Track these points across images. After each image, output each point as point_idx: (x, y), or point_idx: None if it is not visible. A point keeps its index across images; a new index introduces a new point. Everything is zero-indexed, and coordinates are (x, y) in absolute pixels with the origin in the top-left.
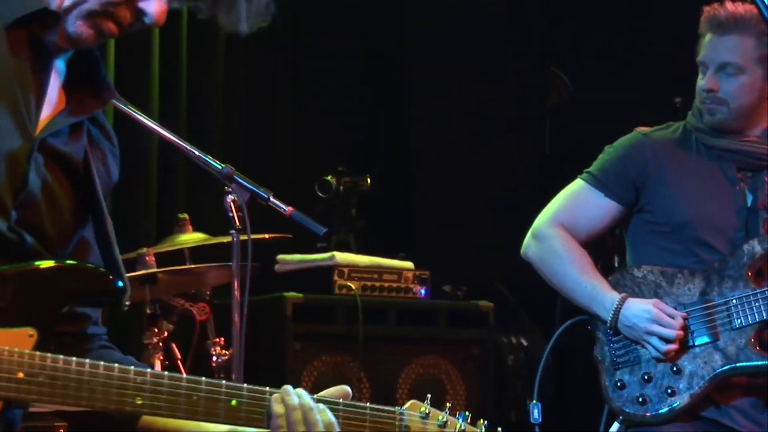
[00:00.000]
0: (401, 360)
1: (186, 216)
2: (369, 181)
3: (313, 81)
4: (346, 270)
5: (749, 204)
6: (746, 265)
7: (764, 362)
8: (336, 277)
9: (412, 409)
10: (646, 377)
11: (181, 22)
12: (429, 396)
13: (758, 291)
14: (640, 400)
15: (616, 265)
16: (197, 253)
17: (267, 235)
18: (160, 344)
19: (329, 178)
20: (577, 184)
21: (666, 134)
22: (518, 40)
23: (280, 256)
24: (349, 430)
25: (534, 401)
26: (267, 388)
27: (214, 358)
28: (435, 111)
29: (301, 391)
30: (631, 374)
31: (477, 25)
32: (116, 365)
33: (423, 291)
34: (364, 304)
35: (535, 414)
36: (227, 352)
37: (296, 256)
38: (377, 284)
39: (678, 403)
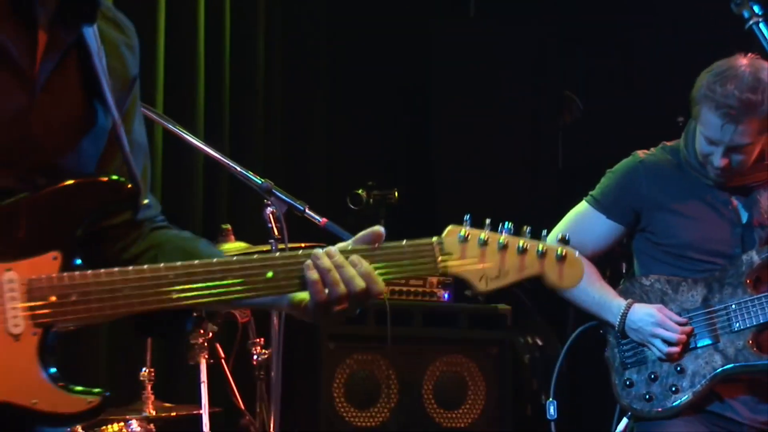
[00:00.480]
0: (426, 358)
1: (229, 227)
2: (396, 194)
3: (345, 104)
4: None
5: (744, 221)
6: (745, 273)
7: (761, 362)
8: None
9: (450, 235)
10: (652, 376)
11: (224, 52)
12: (466, 218)
13: (756, 297)
14: (647, 397)
15: (624, 271)
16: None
17: (303, 244)
18: (206, 344)
19: (360, 191)
20: (582, 206)
21: (661, 158)
22: (535, 65)
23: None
24: (389, 271)
25: (550, 399)
26: (300, 251)
27: (255, 357)
28: (456, 132)
29: (331, 249)
30: (639, 374)
31: (496, 53)
32: (146, 266)
33: (446, 295)
34: (392, 307)
35: (551, 411)
36: (267, 352)
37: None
38: (404, 289)
39: (681, 400)
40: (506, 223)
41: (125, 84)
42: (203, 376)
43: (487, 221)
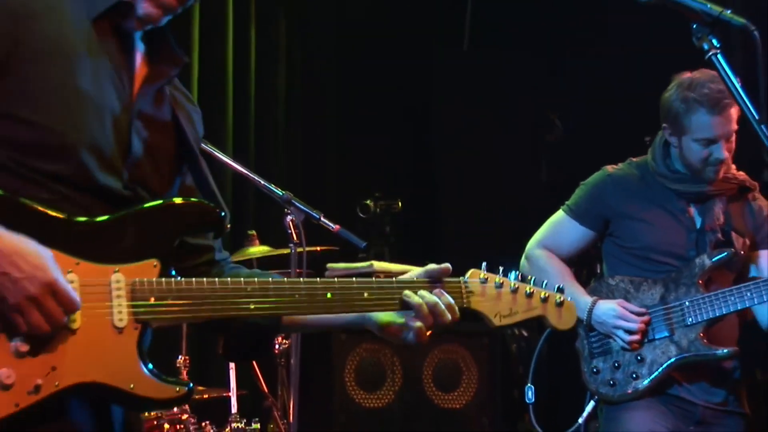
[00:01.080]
0: (426, 348)
1: (254, 232)
2: (400, 204)
3: (356, 125)
4: (381, 275)
5: (698, 227)
6: (697, 274)
7: (710, 352)
8: (373, 278)
9: (473, 277)
10: (616, 364)
11: (249, 82)
12: (484, 264)
13: (706, 295)
14: (611, 383)
15: (599, 271)
16: (263, 262)
17: (318, 248)
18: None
19: (368, 202)
20: (559, 214)
21: (627, 172)
22: (521, 91)
23: (330, 265)
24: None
25: (528, 385)
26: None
27: (277, 347)
28: (453, 149)
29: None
30: (604, 362)
31: (488, 80)
32: (229, 279)
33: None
34: None
35: (529, 395)
36: (287, 342)
37: (342, 265)
38: None
39: (641, 385)
40: (514, 271)
41: (196, 140)
42: (231, 363)
43: (501, 268)
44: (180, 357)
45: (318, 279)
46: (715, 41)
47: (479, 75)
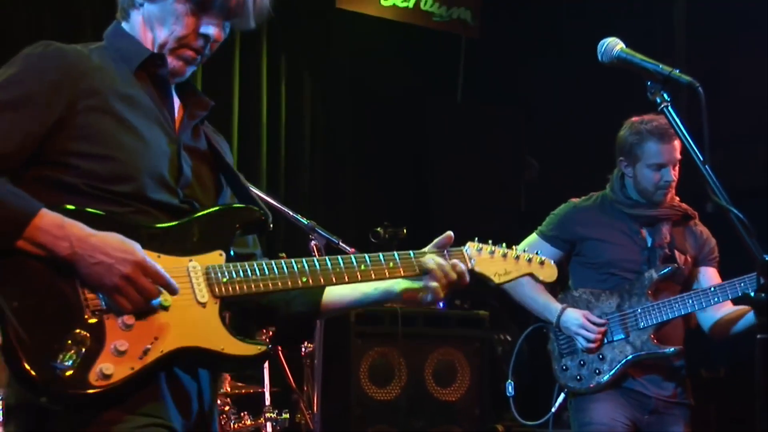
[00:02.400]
0: (427, 350)
1: (284, 254)
2: (405, 231)
3: (368, 165)
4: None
5: (649, 245)
6: (647, 286)
7: (659, 350)
8: None
9: (471, 246)
10: (581, 362)
11: (280, 129)
12: (477, 238)
13: (655, 303)
14: (578, 378)
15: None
16: None
17: None
18: (267, 341)
19: (378, 229)
20: (533, 237)
21: (590, 204)
22: (504, 136)
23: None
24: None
25: (509, 380)
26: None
27: (303, 349)
28: (447, 185)
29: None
30: (572, 361)
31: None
32: (283, 261)
33: (442, 304)
34: (402, 313)
35: (510, 389)
36: (311, 346)
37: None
38: None
39: (602, 379)
40: (503, 243)
41: (231, 163)
42: (265, 363)
43: (490, 241)
44: None
45: (352, 256)
46: (666, 95)
47: (469, 122)
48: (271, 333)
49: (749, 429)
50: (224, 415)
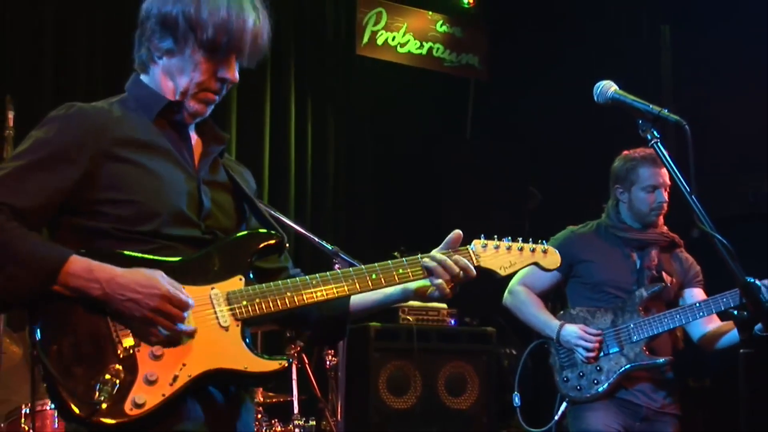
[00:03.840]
0: (439, 363)
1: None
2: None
3: (386, 195)
4: (406, 308)
5: (638, 267)
6: (637, 304)
7: (651, 362)
8: (400, 313)
9: (476, 245)
10: (580, 374)
11: (306, 163)
12: (483, 235)
13: (646, 319)
14: (578, 388)
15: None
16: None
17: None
18: (295, 354)
19: (396, 253)
20: None
21: (586, 230)
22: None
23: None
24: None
25: (515, 392)
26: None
27: (327, 362)
28: (456, 213)
29: (435, 254)
30: (572, 372)
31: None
32: (297, 278)
33: (453, 321)
34: (417, 329)
35: (516, 400)
36: (335, 359)
37: None
38: (425, 317)
39: (600, 389)
40: (507, 238)
41: (252, 190)
42: (294, 375)
43: (495, 236)
44: None
45: (364, 267)
46: (655, 132)
47: (477, 157)
48: (298, 347)
49: None
50: (256, 422)
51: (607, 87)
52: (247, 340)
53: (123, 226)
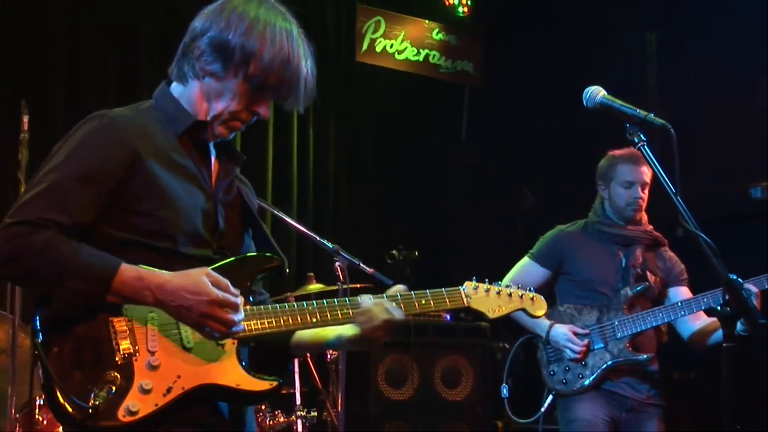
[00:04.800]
0: (436, 357)
1: (312, 274)
2: (417, 254)
3: (386, 198)
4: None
5: (624, 265)
6: (622, 302)
7: (634, 358)
8: None
9: (468, 286)
10: (566, 368)
11: (308, 165)
12: (475, 277)
13: (629, 316)
14: (564, 381)
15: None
16: (319, 296)
17: (358, 285)
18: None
19: (394, 252)
20: (525, 259)
21: (574, 229)
22: (502, 172)
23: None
24: (434, 305)
25: (504, 384)
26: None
27: (328, 356)
28: (454, 214)
29: (365, 297)
30: (558, 367)
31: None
32: (286, 303)
33: (448, 317)
34: (415, 324)
35: (504, 392)
36: (336, 353)
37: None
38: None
39: (585, 383)
40: (498, 282)
41: (254, 209)
42: (296, 368)
43: (486, 280)
44: None
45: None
46: (642, 135)
47: (472, 159)
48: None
49: (717, 428)
50: (260, 414)
51: (596, 92)
52: (243, 359)
53: (141, 238)
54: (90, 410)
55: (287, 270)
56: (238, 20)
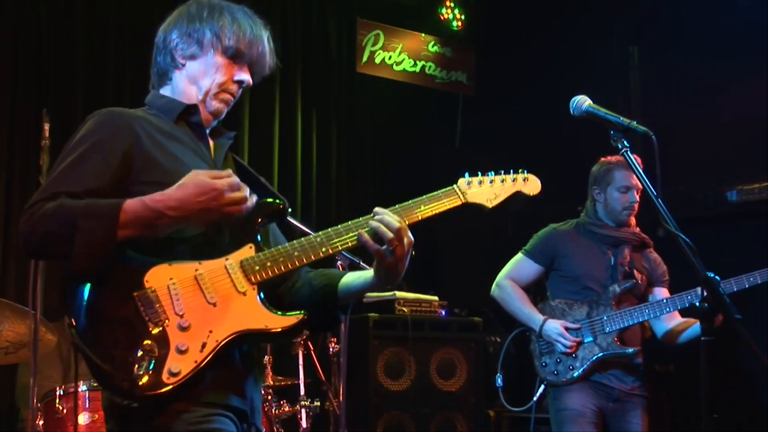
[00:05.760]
0: (432, 350)
1: None
2: (414, 253)
3: (384, 200)
4: (402, 301)
5: (612, 263)
6: (611, 298)
7: (622, 351)
8: (397, 305)
9: (461, 183)
10: (558, 360)
11: (311, 167)
12: (467, 174)
13: (618, 312)
14: (555, 373)
15: (548, 295)
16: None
17: None
18: (301, 342)
19: None
20: (519, 256)
21: (566, 228)
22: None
23: (367, 293)
24: (432, 208)
25: (498, 374)
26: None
27: (330, 349)
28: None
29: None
30: (550, 358)
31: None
32: (296, 241)
33: (444, 312)
34: (412, 320)
35: (499, 381)
36: (338, 346)
37: (375, 294)
38: (419, 309)
39: (575, 374)
40: (490, 172)
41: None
42: (300, 361)
43: (479, 173)
44: (266, 357)
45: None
46: (625, 142)
47: (466, 164)
48: (305, 336)
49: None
50: (267, 403)
51: (582, 101)
52: (264, 300)
53: None
54: (138, 380)
55: (290, 209)
56: (197, 10)
